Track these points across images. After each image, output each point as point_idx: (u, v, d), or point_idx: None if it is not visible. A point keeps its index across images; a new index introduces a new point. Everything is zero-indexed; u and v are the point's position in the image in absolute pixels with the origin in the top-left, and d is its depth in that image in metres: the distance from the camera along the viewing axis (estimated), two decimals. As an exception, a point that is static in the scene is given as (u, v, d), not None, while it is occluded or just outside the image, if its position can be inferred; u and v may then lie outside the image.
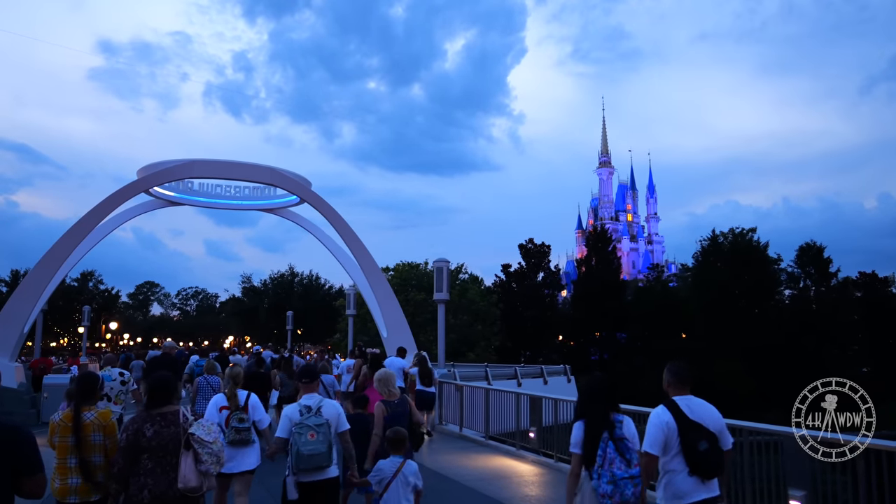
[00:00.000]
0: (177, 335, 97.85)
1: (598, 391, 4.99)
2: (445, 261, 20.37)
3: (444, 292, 20.21)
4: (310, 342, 63.22)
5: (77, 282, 72.42)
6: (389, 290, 23.24)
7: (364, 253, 22.47)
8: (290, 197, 24.76)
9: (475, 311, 47.99)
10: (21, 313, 19.21)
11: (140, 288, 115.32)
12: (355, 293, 31.01)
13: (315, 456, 5.47)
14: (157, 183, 20.66)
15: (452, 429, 16.77)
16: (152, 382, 4.89)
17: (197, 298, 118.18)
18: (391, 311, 22.72)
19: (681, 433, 4.60)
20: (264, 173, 21.55)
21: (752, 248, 55.32)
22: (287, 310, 50.30)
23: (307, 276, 69.39)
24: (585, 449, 4.77)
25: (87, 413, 4.97)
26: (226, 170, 20.96)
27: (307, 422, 5.59)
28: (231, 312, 77.50)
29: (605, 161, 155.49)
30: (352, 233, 22.47)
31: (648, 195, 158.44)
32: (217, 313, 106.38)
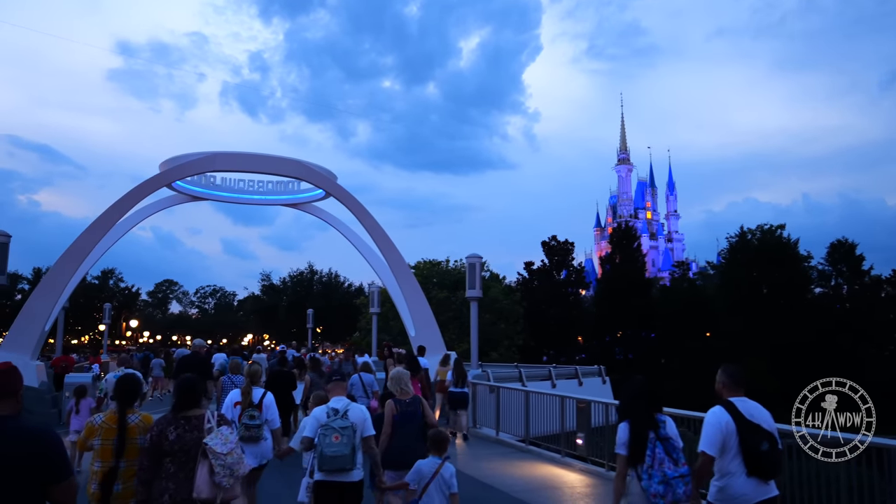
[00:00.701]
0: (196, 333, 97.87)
1: (641, 392, 5.03)
2: (478, 257, 19.56)
3: (476, 289, 19.40)
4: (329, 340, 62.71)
5: (98, 280, 72.48)
6: (417, 287, 22.48)
7: (391, 249, 21.73)
8: (315, 191, 24.08)
9: (498, 309, 47.12)
10: (42, 311, 18.67)
11: (159, 286, 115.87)
12: (379, 290, 30.27)
13: (337, 458, 5.49)
14: (180, 177, 20.02)
15: (488, 432, 16.03)
16: (178, 385, 4.89)
17: (215, 296, 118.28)
18: (419, 308, 21.99)
19: (740, 434, 4.58)
20: (290, 166, 20.85)
21: (782, 245, 53.93)
22: (306, 308, 49.82)
23: (326, 274, 68.88)
24: (631, 450, 4.78)
25: (131, 416, 4.86)
26: (250, 162, 20.30)
27: (332, 424, 5.63)
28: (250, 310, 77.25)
29: (623, 158, 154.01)
30: (379, 228, 21.73)
31: (668, 192, 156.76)
32: (235, 311, 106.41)
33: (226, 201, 24.13)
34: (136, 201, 19.42)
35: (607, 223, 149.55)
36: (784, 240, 55.09)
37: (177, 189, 22.73)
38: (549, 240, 57.14)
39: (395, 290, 23.74)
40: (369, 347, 35.49)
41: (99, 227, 19.07)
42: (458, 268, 50.81)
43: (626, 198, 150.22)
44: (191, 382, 4.89)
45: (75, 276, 20.25)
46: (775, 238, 56.54)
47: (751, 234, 58.19)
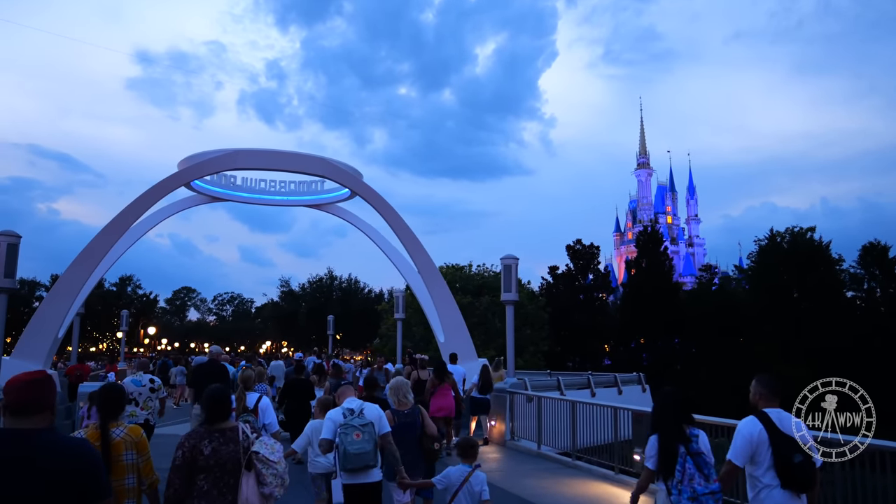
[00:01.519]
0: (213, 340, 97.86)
1: (672, 404, 4.93)
2: (514, 258, 18.38)
3: (512, 292, 18.20)
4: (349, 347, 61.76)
5: (115, 286, 72.12)
6: (447, 292, 21.37)
7: (420, 251, 20.66)
8: (340, 191, 23.07)
9: (524, 315, 45.89)
10: (55, 317, 17.74)
11: (177, 293, 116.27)
12: (404, 295, 29.17)
13: (362, 454, 5.51)
14: (199, 175, 19.05)
15: (528, 445, 15.00)
16: (209, 396, 4.52)
17: (233, 303, 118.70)
18: (449, 314, 20.88)
19: (773, 445, 4.53)
20: (315, 164, 19.82)
21: (815, 248, 52.24)
22: (325, 314, 48.88)
23: (346, 280, 67.88)
24: (660, 464, 4.70)
25: (116, 430, 4.44)
26: (272, 160, 19.29)
27: (352, 422, 5.64)
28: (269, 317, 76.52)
29: (643, 162, 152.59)
30: (407, 229, 20.67)
31: (689, 196, 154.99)
32: (253, 319, 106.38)
33: (246, 202, 23.17)
34: (153, 202, 18.48)
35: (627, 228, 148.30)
36: (816, 243, 53.41)
37: (196, 189, 21.79)
38: (574, 243, 55.80)
39: (423, 295, 22.64)
40: (392, 354, 34.43)
41: (114, 230, 18.15)
42: (480, 272, 49.74)
43: (646, 202, 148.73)
44: (220, 393, 4.55)
45: (90, 280, 19.36)
46: (806, 241, 54.90)
47: (779, 238, 56.64)
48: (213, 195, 22.47)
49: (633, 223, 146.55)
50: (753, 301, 50.76)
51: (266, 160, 19.26)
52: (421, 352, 42.64)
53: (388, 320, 49.50)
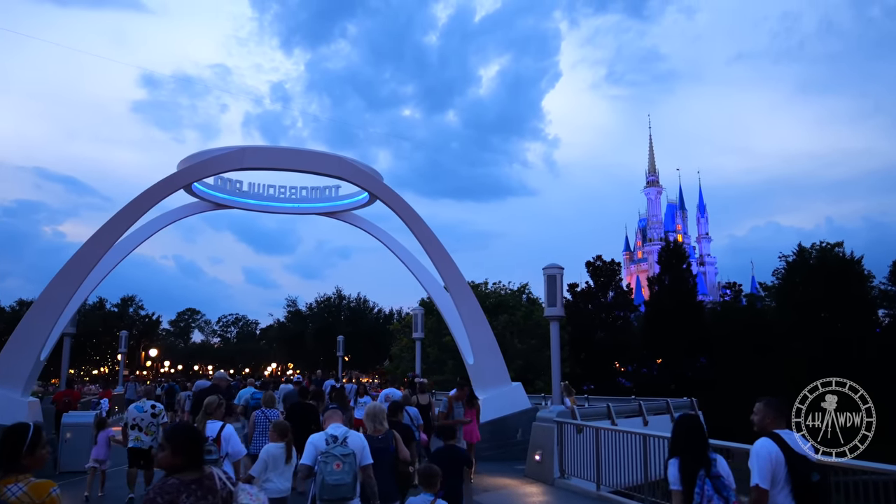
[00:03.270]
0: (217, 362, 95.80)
1: (693, 428, 5.00)
2: (558, 267, 16.14)
3: (557, 307, 15.90)
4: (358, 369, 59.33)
5: (117, 307, 69.95)
6: (478, 308, 19.15)
7: (447, 262, 18.47)
8: (357, 197, 20.94)
9: (541, 334, 43.53)
10: (37, 336, 15.53)
11: (181, 315, 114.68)
12: (422, 313, 26.92)
13: (340, 486, 5.39)
14: (200, 176, 16.92)
15: (583, 486, 12.88)
16: (178, 435, 3.62)
17: (237, 325, 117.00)
18: (480, 332, 18.64)
19: (789, 466, 4.51)
20: (330, 163, 17.66)
21: (846, 264, 49.84)
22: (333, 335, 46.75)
23: (355, 300, 65.58)
24: (683, 486, 4.74)
25: (12, 487, 3.50)
26: (283, 159, 17.16)
27: (333, 451, 5.51)
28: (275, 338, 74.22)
29: (652, 180, 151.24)
30: (432, 238, 18.51)
31: (699, 215, 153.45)
32: (258, 340, 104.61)
33: (254, 210, 21.04)
34: (147, 207, 16.33)
35: (637, 247, 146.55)
36: (847, 258, 51.01)
37: (198, 195, 19.66)
38: (594, 259, 53.46)
39: (449, 312, 20.42)
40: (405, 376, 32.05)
41: (104, 238, 15.99)
42: (497, 290, 47.61)
43: (655, 220, 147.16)
44: (194, 433, 3.76)
45: (78, 295, 17.20)
46: (834, 256, 52.57)
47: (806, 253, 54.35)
48: (218, 202, 20.32)
49: (644, 242, 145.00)
50: (781, 318, 48.38)
51: (276, 159, 17.12)
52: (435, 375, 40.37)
53: (401, 341, 47.28)
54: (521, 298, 46.97)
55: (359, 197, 20.82)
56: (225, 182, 20.21)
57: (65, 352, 23.18)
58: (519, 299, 46.16)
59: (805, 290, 48.21)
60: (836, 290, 47.39)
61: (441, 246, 18.55)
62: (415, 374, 21.57)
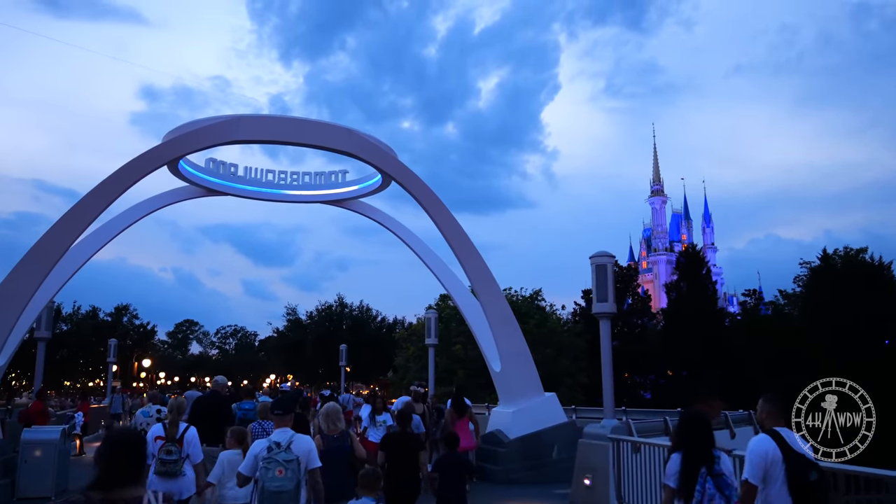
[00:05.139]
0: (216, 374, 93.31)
1: (697, 423, 4.86)
2: (608, 255, 13.77)
3: (608, 302, 13.54)
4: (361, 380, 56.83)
5: (111, 316, 67.40)
6: (506, 308, 16.76)
7: (472, 254, 16.08)
8: (367, 182, 18.54)
9: (557, 343, 41.12)
10: (-9, 338, 13.14)
11: (179, 326, 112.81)
12: (436, 317, 24.49)
13: (281, 493, 5.18)
14: (189, 149, 14.52)
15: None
16: (106, 449, 2.92)
17: (236, 337, 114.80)
18: (508, 337, 16.24)
19: (787, 463, 4.43)
20: (338, 136, 15.20)
21: (875, 270, 47.49)
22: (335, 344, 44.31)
23: (357, 308, 63.06)
24: (681, 483, 4.65)
25: None
26: (283, 130, 14.76)
27: (276, 457, 5.32)
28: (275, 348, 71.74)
29: (657, 189, 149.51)
30: (455, 225, 16.13)
31: (704, 225, 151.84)
32: (257, 351, 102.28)
33: (250, 197, 18.63)
34: (125, 186, 13.87)
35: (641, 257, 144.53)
36: (876, 264, 48.65)
37: (188, 178, 17.26)
38: (610, 265, 51.20)
39: (473, 313, 18.03)
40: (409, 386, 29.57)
41: (75, 221, 13.58)
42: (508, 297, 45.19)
43: (660, 230, 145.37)
44: (124, 445, 2.88)
45: (45, 289, 14.76)
46: (859, 262, 50.24)
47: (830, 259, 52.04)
48: (209, 187, 17.88)
49: (648, 252, 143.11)
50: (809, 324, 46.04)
51: (275, 130, 14.72)
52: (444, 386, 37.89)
53: (407, 350, 44.84)
54: (533, 305, 44.61)
55: (369, 182, 18.43)
56: (218, 165, 17.84)
57: (39, 359, 20.69)
58: (532, 306, 43.77)
59: (835, 296, 45.86)
60: (869, 296, 45.16)
61: (465, 236, 16.17)
62: (418, 383, 19.82)
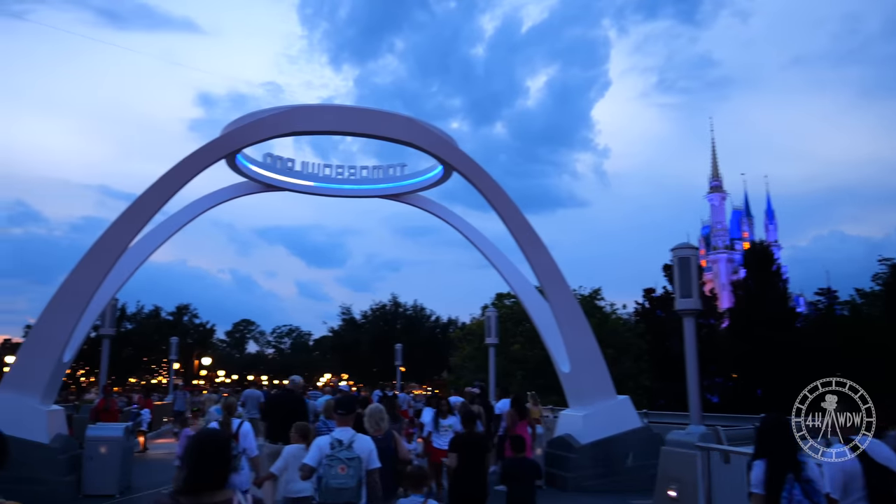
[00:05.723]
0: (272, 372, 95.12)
1: (780, 428, 4.72)
2: (691, 248, 12.86)
3: (693, 297, 12.62)
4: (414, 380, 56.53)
5: (172, 315, 68.96)
6: (575, 306, 15.98)
7: (539, 249, 15.33)
8: (427, 175, 18.03)
9: (619, 344, 39.77)
10: (57, 333, 13.07)
11: (237, 326, 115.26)
12: (496, 315, 23.79)
13: (343, 490, 5.35)
14: (245, 142, 14.23)
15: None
16: (193, 449, 2.86)
17: (291, 336, 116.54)
18: (577, 336, 15.45)
19: (866, 476, 4.33)
20: (396, 125, 14.72)
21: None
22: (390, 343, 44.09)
23: (411, 307, 62.88)
24: (768, 490, 4.47)
25: None
26: (339, 120, 14.33)
27: (339, 455, 5.48)
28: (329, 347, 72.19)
29: (716, 185, 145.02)
30: (520, 219, 15.44)
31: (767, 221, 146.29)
32: (311, 351, 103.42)
33: (307, 192, 18.33)
34: (184, 180, 13.72)
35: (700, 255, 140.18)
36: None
37: (244, 173, 17.03)
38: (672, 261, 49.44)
39: (540, 312, 17.32)
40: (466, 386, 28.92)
41: (135, 218, 13.47)
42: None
43: (720, 227, 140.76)
44: (214, 444, 2.89)
45: (108, 285, 14.71)
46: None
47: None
48: (266, 182, 17.65)
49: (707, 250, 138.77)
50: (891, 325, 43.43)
51: (331, 120, 14.30)
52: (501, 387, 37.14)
53: (462, 350, 44.27)
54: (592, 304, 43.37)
55: (429, 175, 17.90)
56: (275, 160, 17.62)
57: (103, 356, 20.88)
58: (591, 305, 42.52)
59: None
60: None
61: (531, 228, 15.43)
62: (478, 384, 19.45)
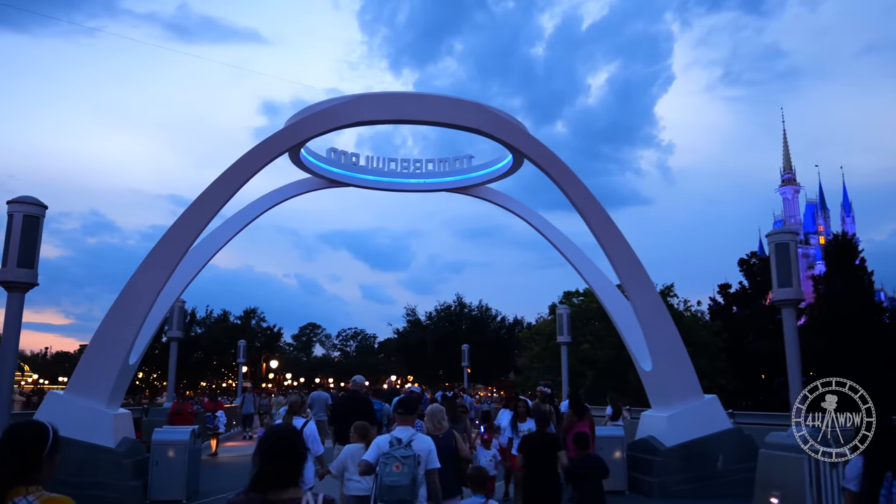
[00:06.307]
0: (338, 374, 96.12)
1: (886, 430, 4.78)
2: (791, 233, 11.61)
3: (793, 286, 11.36)
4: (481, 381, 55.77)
5: (240, 319, 70.26)
6: (658, 301, 14.89)
7: (619, 242, 14.26)
8: (496, 166, 17.15)
9: (694, 342, 37.93)
10: (122, 336, 12.81)
11: (303, 329, 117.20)
12: (568, 313, 22.74)
13: (397, 488, 5.37)
14: (309, 133, 13.68)
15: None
16: (265, 445, 2.83)
17: (356, 339, 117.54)
18: (660, 332, 14.36)
19: None
20: (465, 112, 13.92)
21: None
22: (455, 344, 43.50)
23: (477, 308, 62.13)
24: (863, 487, 4.36)
25: (20, 501, 2.70)
26: (406, 108, 13.61)
27: (395, 453, 5.54)
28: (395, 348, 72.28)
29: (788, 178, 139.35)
30: (597, 208, 14.42)
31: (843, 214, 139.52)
32: (376, 353, 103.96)
33: (373, 188, 17.76)
34: (248, 174, 13.31)
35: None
36: None
37: (310, 168, 16.59)
38: (749, 256, 46.82)
39: (618, 307, 16.28)
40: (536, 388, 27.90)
41: (198, 214, 13.11)
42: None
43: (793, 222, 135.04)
44: (283, 440, 2.82)
45: (173, 286, 14.44)
46: None
47: None
48: (331, 177, 17.12)
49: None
50: None
51: (398, 108, 13.59)
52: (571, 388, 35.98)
53: (531, 350, 43.20)
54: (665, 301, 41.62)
55: (498, 165, 17.04)
56: (339, 155, 17.09)
57: (171, 359, 20.85)
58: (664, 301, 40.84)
59: None
60: None
61: (610, 220, 14.40)
62: (545, 383, 18.59)
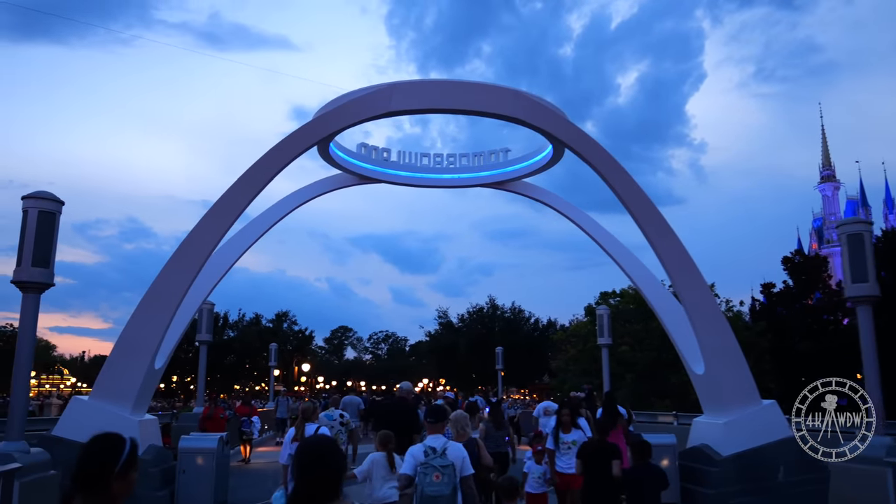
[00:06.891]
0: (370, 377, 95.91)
1: None
2: (864, 223, 10.55)
3: (869, 282, 10.26)
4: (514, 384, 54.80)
5: (272, 322, 70.34)
6: (710, 300, 13.84)
7: (668, 237, 13.30)
8: (534, 158, 16.35)
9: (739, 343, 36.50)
10: (147, 339, 12.28)
11: (335, 332, 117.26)
12: (608, 313, 21.77)
13: (438, 498, 5.41)
14: (339, 125, 13.04)
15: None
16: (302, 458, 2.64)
17: (388, 342, 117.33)
18: (713, 332, 13.31)
19: None
20: (502, 99, 13.14)
21: None
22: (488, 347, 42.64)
23: (510, 309, 61.13)
24: None
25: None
26: (440, 97, 12.88)
27: (433, 462, 5.55)
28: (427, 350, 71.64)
29: (828, 175, 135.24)
30: (644, 201, 13.53)
31: (886, 211, 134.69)
32: (408, 356, 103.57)
33: (405, 184, 17.09)
34: (276, 169, 12.69)
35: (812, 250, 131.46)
36: None
37: (340, 164, 15.97)
38: (793, 254, 45.11)
39: (666, 306, 15.35)
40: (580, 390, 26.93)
41: (222, 214, 12.53)
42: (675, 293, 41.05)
43: (834, 219, 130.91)
44: (317, 450, 2.64)
45: (199, 287, 13.89)
46: None
47: None
48: (362, 173, 16.50)
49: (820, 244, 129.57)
50: None
51: (432, 97, 12.88)
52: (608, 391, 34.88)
53: (566, 352, 42.15)
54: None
55: (537, 158, 16.23)
56: (370, 150, 16.46)
57: (201, 362, 20.41)
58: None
59: None
60: None
61: (658, 213, 13.46)
62: (588, 387, 18.01)
